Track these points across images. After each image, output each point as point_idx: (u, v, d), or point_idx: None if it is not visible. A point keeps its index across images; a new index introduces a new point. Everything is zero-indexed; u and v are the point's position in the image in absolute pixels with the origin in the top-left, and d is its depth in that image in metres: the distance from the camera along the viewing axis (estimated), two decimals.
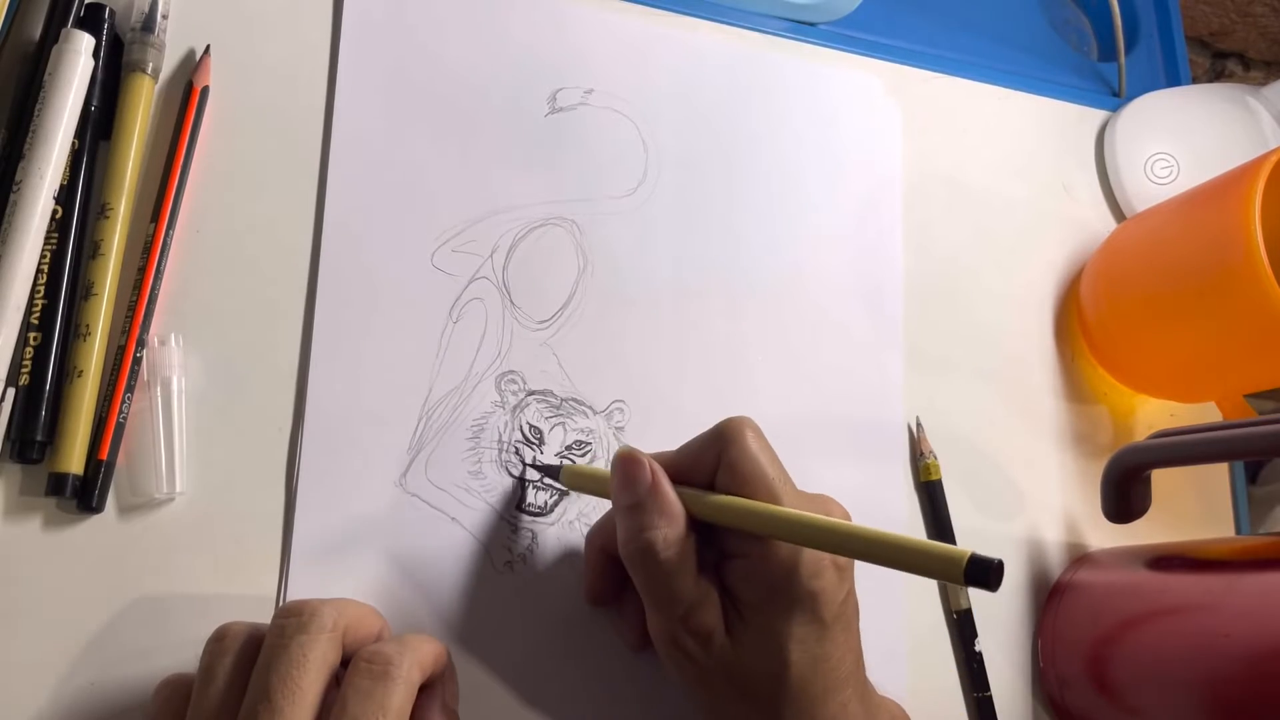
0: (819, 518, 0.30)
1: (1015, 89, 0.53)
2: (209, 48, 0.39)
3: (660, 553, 0.31)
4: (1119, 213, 0.53)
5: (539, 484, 0.39)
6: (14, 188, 0.34)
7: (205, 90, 0.38)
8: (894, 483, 0.44)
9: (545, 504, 0.39)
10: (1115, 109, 0.55)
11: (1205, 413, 0.51)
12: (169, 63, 0.39)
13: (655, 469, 0.33)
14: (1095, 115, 0.55)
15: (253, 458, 0.36)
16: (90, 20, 0.37)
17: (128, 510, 0.34)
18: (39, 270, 0.34)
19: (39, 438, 0.33)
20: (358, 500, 0.37)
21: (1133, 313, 0.47)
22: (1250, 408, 0.47)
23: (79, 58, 0.35)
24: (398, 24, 0.42)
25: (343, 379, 0.38)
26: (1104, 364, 0.49)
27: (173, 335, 0.36)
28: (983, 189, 0.50)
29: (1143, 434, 0.47)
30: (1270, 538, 0.44)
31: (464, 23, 0.43)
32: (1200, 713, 0.37)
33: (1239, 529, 0.50)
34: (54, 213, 0.35)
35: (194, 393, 0.36)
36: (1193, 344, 0.45)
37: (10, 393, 0.33)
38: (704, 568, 0.33)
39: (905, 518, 0.44)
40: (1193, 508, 0.50)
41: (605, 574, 0.37)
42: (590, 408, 0.41)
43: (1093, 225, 0.52)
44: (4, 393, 0.33)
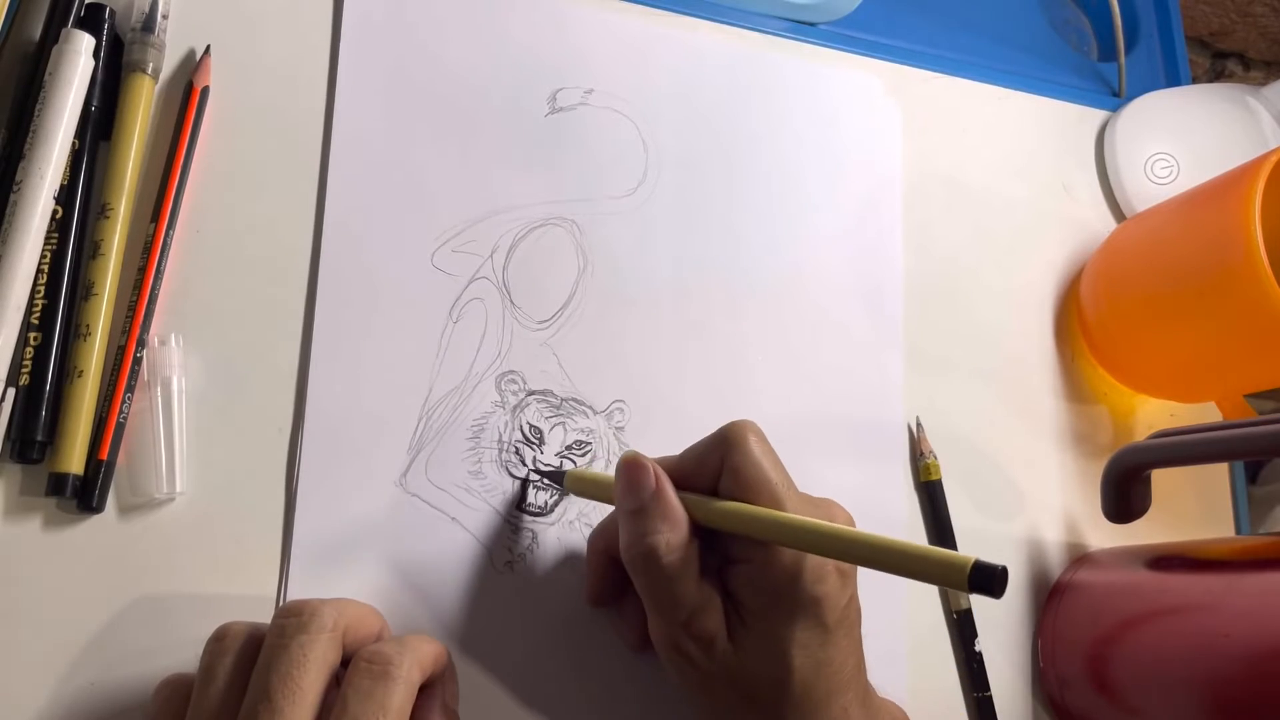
0: (823, 524, 0.30)
1: (1015, 89, 0.53)
2: (209, 48, 0.39)
3: (663, 558, 0.31)
4: (1119, 213, 0.53)
5: (539, 484, 0.39)
6: (14, 188, 0.34)
7: (205, 90, 0.38)
8: (894, 483, 0.44)
9: (545, 504, 0.39)
10: (1115, 109, 0.55)
11: (1205, 413, 0.51)
12: (169, 63, 0.39)
13: (659, 474, 0.33)
14: (1095, 115, 0.55)
15: (253, 458, 0.36)
16: (90, 20, 0.37)
17: (128, 510, 0.34)
18: (39, 270, 0.34)
19: (39, 438, 0.33)
20: (358, 500, 0.37)
21: (1133, 313, 0.47)
22: (1250, 408, 0.47)
23: (79, 58, 0.35)
24: (398, 24, 0.42)
25: (343, 379, 0.38)
26: (1104, 364, 0.49)
27: (173, 335, 0.36)
28: (983, 189, 0.50)
29: (1143, 434, 0.47)
30: (1270, 538, 0.44)
31: (464, 23, 0.43)
32: (1200, 713, 0.37)
33: (1239, 529, 0.50)
34: (54, 213, 0.35)
35: (194, 393, 0.36)
36: (1193, 344, 0.45)
37: (10, 393, 0.33)
38: (706, 572, 0.33)
39: (905, 518, 0.44)
40: (1193, 508, 0.50)
41: (607, 576, 0.37)
42: (590, 408, 0.41)
43: (1093, 225, 0.52)
44: (4, 393, 0.33)
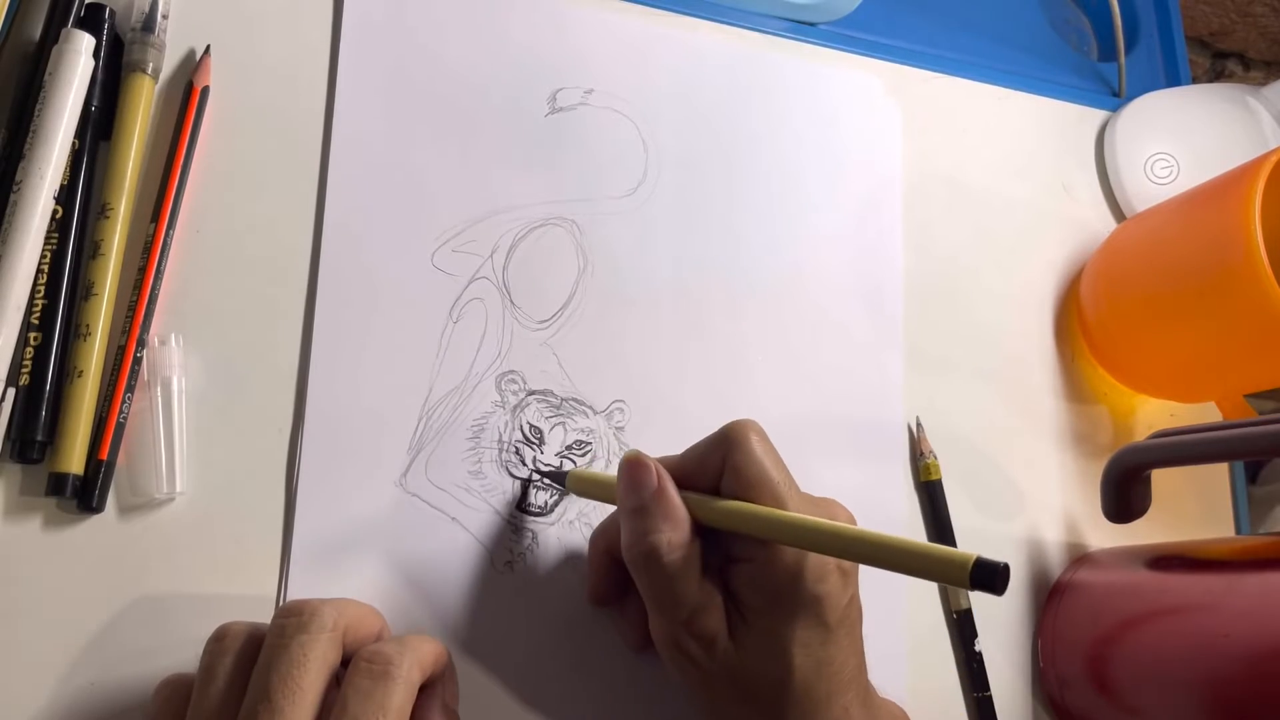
0: (824, 522, 0.30)
1: (1015, 89, 0.53)
2: (209, 48, 0.39)
3: (664, 557, 0.31)
4: (1119, 213, 0.53)
5: (539, 484, 0.39)
6: (14, 188, 0.34)
7: (205, 90, 0.38)
8: (894, 483, 0.44)
9: (545, 504, 0.39)
10: (1115, 109, 0.55)
11: (1205, 413, 0.51)
12: (169, 63, 0.39)
13: (661, 473, 0.33)
14: (1095, 115, 0.55)
15: (253, 458, 0.36)
16: (90, 20, 0.37)
17: (128, 510, 0.34)
18: (39, 270, 0.34)
19: (39, 438, 0.33)
20: (358, 500, 0.37)
21: (1133, 313, 0.47)
22: (1250, 408, 0.47)
23: (79, 58, 0.35)
24: (398, 24, 0.42)
25: (343, 379, 0.38)
26: (1104, 364, 0.49)
27: (173, 335, 0.36)
28: (983, 189, 0.50)
29: (1143, 434, 0.47)
30: (1270, 538, 0.44)
31: (464, 23, 0.43)
32: (1200, 713, 0.37)
33: (1239, 529, 0.50)
34: (54, 213, 0.35)
35: (194, 393, 0.36)
36: (1193, 344, 0.45)
37: (10, 393, 0.33)
38: (708, 571, 0.33)
39: (905, 518, 0.44)
40: (1193, 508, 0.50)
41: (608, 575, 0.37)
42: (590, 407, 0.41)
43: (1093, 225, 0.52)
44: (4, 393, 0.33)
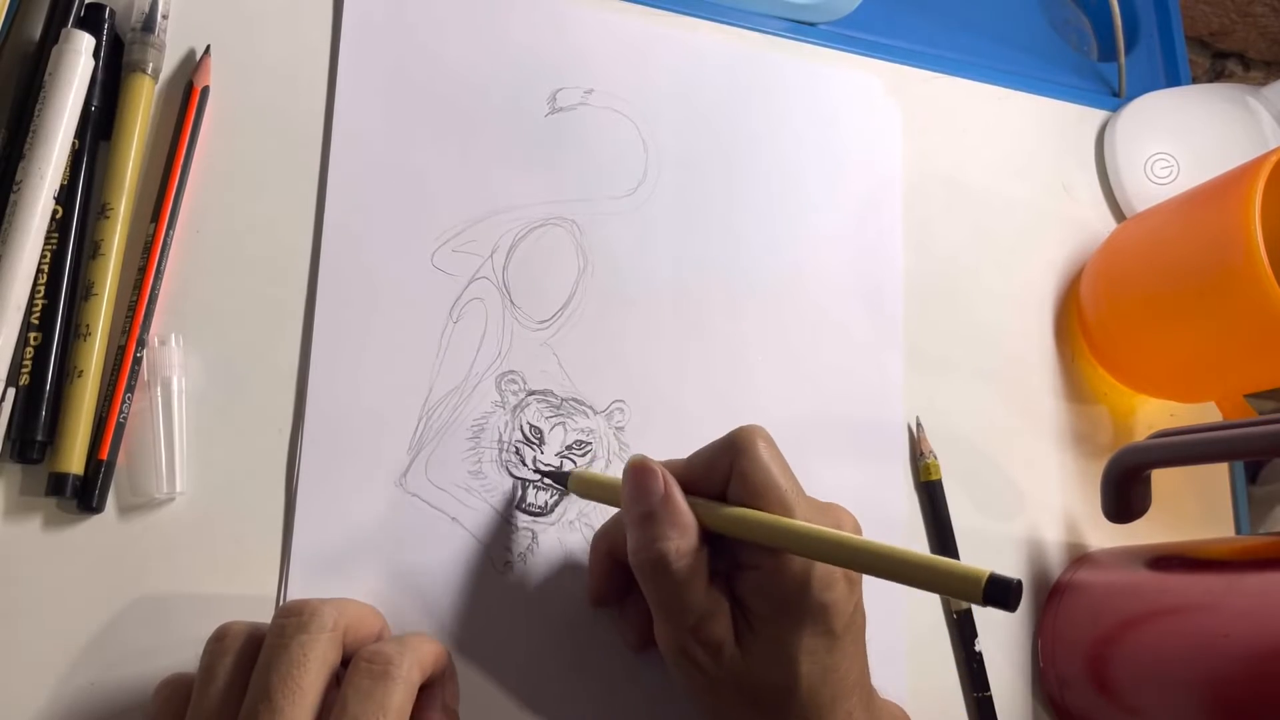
0: (835, 533, 0.30)
1: (1015, 89, 0.53)
2: (209, 48, 0.39)
3: (672, 564, 0.31)
4: (1119, 213, 0.53)
5: (539, 484, 0.39)
6: (14, 188, 0.34)
7: (205, 90, 0.38)
8: (894, 483, 0.44)
9: (545, 504, 0.39)
10: (1115, 109, 0.55)
11: (1205, 413, 0.51)
12: (169, 63, 0.39)
13: (668, 479, 0.32)
14: (1095, 115, 0.55)
15: (253, 458, 0.36)
16: (90, 20, 0.37)
17: (128, 510, 0.34)
18: (39, 270, 0.34)
19: (39, 438, 0.33)
20: (358, 500, 0.37)
21: (1133, 313, 0.47)
22: (1250, 408, 0.47)
23: (79, 58, 0.35)
24: (398, 24, 0.42)
25: (343, 379, 0.38)
26: (1104, 364, 0.49)
27: (173, 335, 0.36)
28: (983, 189, 0.50)
29: (1143, 434, 0.47)
30: (1270, 538, 0.44)
31: (464, 23, 0.43)
32: (1200, 713, 0.37)
33: (1239, 529, 0.50)
34: (54, 213, 0.35)
35: (194, 393, 0.36)
36: (1193, 344, 0.45)
37: (10, 393, 0.33)
38: (715, 578, 0.32)
39: (905, 518, 0.44)
40: (1193, 508, 0.50)
41: (609, 577, 0.37)
42: (590, 408, 0.41)
43: (1093, 225, 0.52)
44: (4, 393, 0.33)
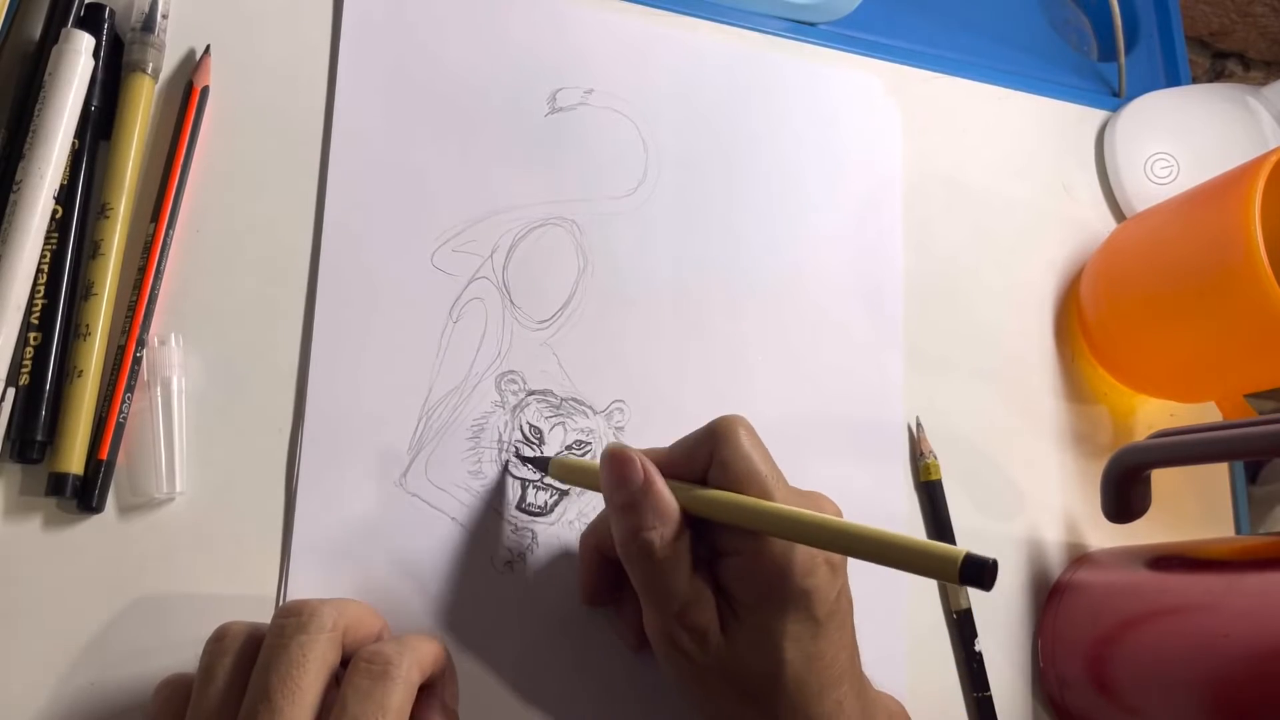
0: (813, 514, 0.30)
1: (1015, 89, 0.53)
2: (209, 48, 0.39)
3: (656, 549, 0.31)
4: (1119, 213, 0.53)
5: (538, 484, 0.39)
6: (14, 188, 0.34)
7: (205, 90, 0.38)
8: (894, 483, 0.44)
9: (545, 504, 0.39)
10: (1115, 109, 0.55)
11: (1205, 413, 0.51)
12: (169, 63, 0.39)
13: (647, 466, 0.32)
14: (1095, 115, 0.55)
15: (253, 458, 0.36)
16: (90, 20, 0.37)
17: (128, 510, 0.34)
18: (39, 270, 0.34)
19: (39, 438, 0.33)
20: (358, 500, 0.37)
21: (1133, 313, 0.47)
22: (1250, 408, 0.47)
23: (79, 58, 0.35)
24: (398, 24, 0.42)
25: (343, 379, 0.38)
26: (1104, 364, 0.49)
27: (173, 335, 0.36)
28: (983, 189, 0.50)
29: (1143, 434, 0.47)
30: (1270, 538, 0.44)
31: (464, 23, 0.43)
32: (1200, 713, 0.37)
33: (1239, 529, 0.50)
34: (54, 213, 0.35)
35: (194, 393, 0.36)
36: (1193, 344, 0.45)
37: (10, 393, 0.33)
38: (698, 565, 0.33)
39: (905, 518, 0.44)
40: (1193, 508, 0.50)
41: (600, 573, 0.37)
42: (590, 408, 0.41)
43: (1093, 225, 0.52)
44: (4, 393, 0.33)
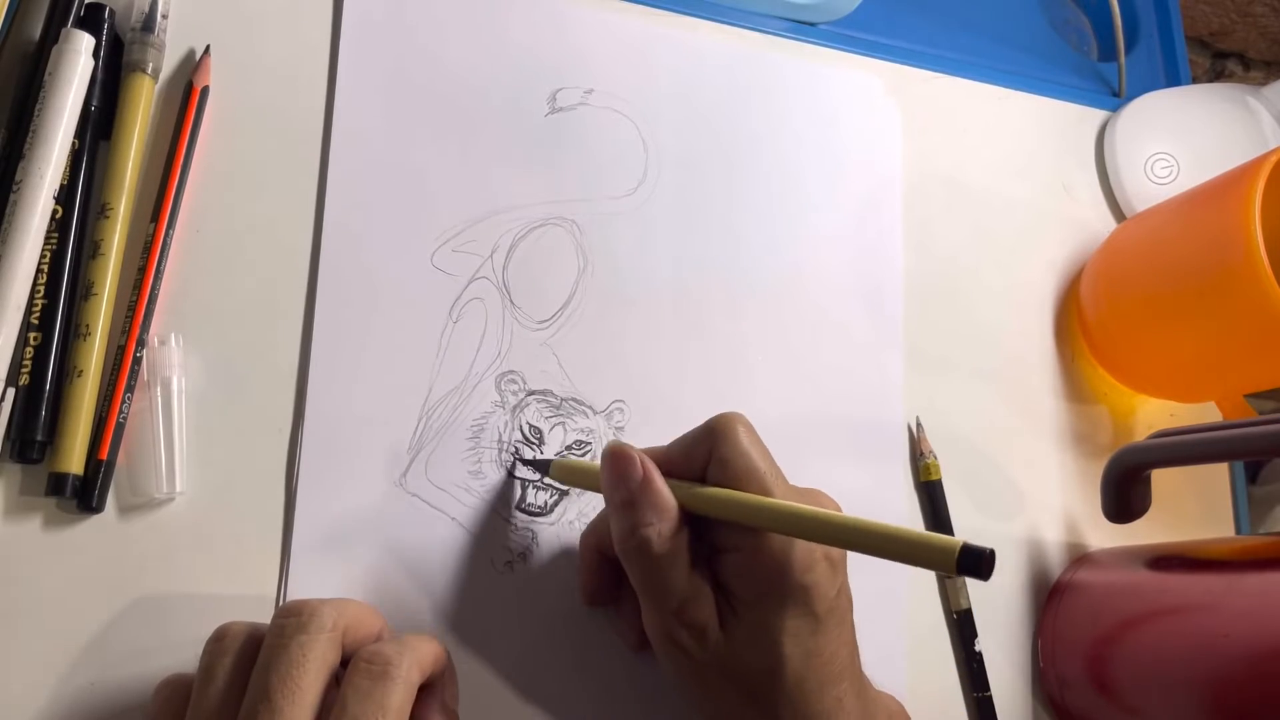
0: (810, 509, 0.30)
1: (1015, 89, 0.53)
2: (209, 48, 0.39)
3: (655, 547, 0.31)
4: (1119, 213, 0.53)
5: (538, 484, 0.39)
6: (14, 188, 0.34)
7: (205, 90, 0.38)
8: (894, 483, 0.44)
9: (545, 504, 0.39)
10: (1115, 109, 0.55)
11: (1205, 413, 0.51)
12: (169, 63, 0.39)
13: (646, 464, 0.32)
14: (1095, 115, 0.55)
15: (253, 458, 0.36)
16: (90, 20, 0.37)
17: (128, 510, 0.34)
18: (39, 270, 0.34)
19: (39, 438, 0.33)
20: (358, 500, 0.37)
21: (1133, 313, 0.47)
22: (1250, 408, 0.47)
23: (79, 58, 0.35)
24: (398, 24, 0.42)
25: (343, 379, 0.38)
26: (1104, 364, 0.49)
27: (173, 335, 0.36)
28: (983, 189, 0.50)
29: (1143, 434, 0.47)
30: (1270, 538, 0.44)
31: (464, 23, 0.43)
32: (1200, 713, 0.37)
33: (1239, 529, 0.50)
34: (54, 213, 0.35)
35: (194, 393, 0.36)
36: (1193, 344, 0.45)
37: (10, 393, 0.33)
38: (697, 562, 0.33)
39: (905, 518, 0.44)
40: (1193, 508, 0.50)
41: (600, 572, 0.37)
42: (590, 408, 0.41)
43: (1093, 225, 0.52)
44: (4, 393, 0.33)
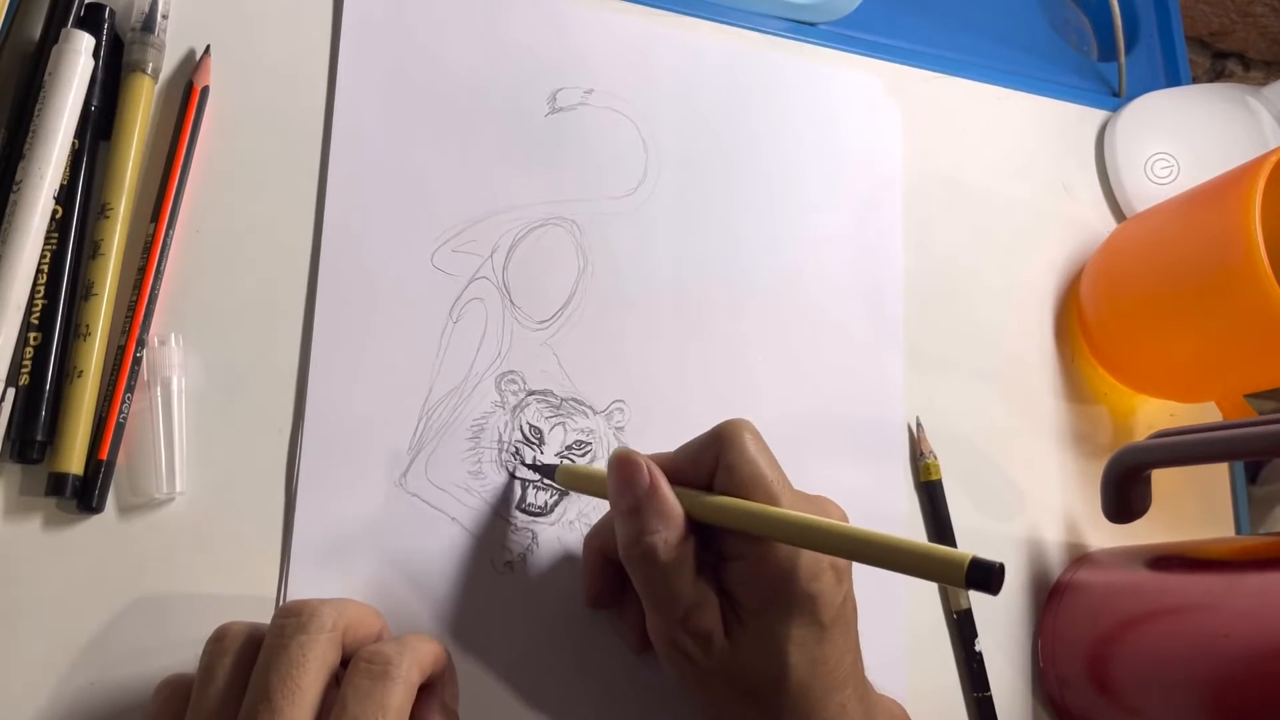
0: (818, 519, 0.30)
1: (1015, 89, 0.53)
2: (209, 48, 0.39)
3: (660, 554, 0.31)
4: (1119, 213, 0.53)
5: (539, 484, 0.39)
6: (14, 188, 0.34)
7: (205, 90, 0.38)
8: (894, 483, 0.44)
9: (545, 504, 0.39)
10: (1115, 109, 0.55)
11: (1205, 413, 0.51)
12: (169, 63, 0.39)
13: (653, 470, 0.32)
14: (1095, 115, 0.55)
15: (253, 458, 0.36)
16: (90, 20, 0.37)
17: (128, 510, 0.34)
18: (39, 270, 0.34)
19: (39, 438, 0.33)
20: (358, 500, 0.37)
21: (1133, 313, 0.47)
22: (1250, 408, 0.47)
23: (79, 58, 0.35)
24: (398, 24, 0.42)
25: (343, 379, 0.38)
26: (1104, 364, 0.49)
27: (173, 335, 0.36)
28: (983, 189, 0.50)
29: (1143, 434, 0.47)
30: (1270, 538, 0.44)
31: (464, 23, 0.43)
32: (1200, 713, 0.37)
33: (1239, 529, 0.50)
34: (54, 213, 0.35)
35: (194, 393, 0.36)
36: (1193, 344, 0.45)
37: (10, 393, 0.33)
38: (702, 570, 0.32)
39: (905, 518, 0.44)
40: (1193, 508, 0.50)
41: (603, 576, 0.37)
42: (590, 408, 0.41)
43: (1093, 225, 0.52)
44: (4, 393, 0.33)
